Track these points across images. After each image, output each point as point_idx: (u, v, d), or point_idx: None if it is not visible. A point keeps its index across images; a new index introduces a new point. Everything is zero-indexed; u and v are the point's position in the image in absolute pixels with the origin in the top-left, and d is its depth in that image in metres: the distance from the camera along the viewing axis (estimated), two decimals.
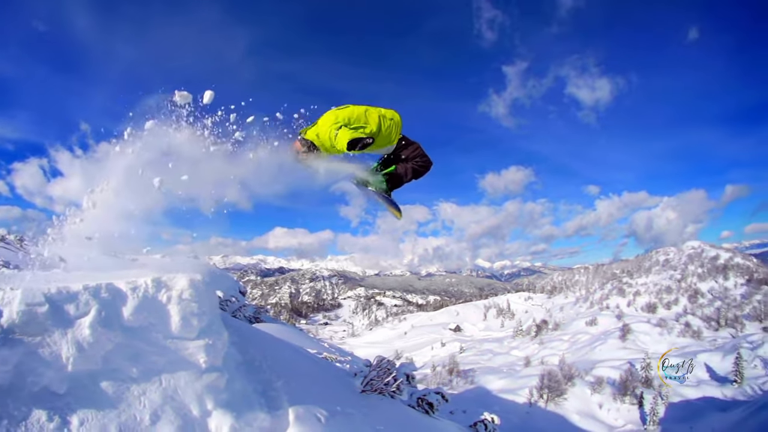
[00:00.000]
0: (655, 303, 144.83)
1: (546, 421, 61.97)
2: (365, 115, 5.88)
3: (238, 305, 23.99)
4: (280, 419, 5.60)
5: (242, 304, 24.98)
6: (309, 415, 5.88)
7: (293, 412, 5.76)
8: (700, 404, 66.61)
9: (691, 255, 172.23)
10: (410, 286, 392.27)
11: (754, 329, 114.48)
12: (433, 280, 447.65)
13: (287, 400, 5.98)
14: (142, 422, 4.35)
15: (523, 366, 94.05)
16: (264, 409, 5.59)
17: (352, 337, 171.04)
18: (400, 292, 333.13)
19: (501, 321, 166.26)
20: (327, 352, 18.18)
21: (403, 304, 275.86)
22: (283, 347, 9.41)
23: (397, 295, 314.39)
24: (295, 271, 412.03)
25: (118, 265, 6.73)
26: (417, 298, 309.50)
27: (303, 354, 10.13)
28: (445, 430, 12.79)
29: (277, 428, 5.43)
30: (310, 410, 6.02)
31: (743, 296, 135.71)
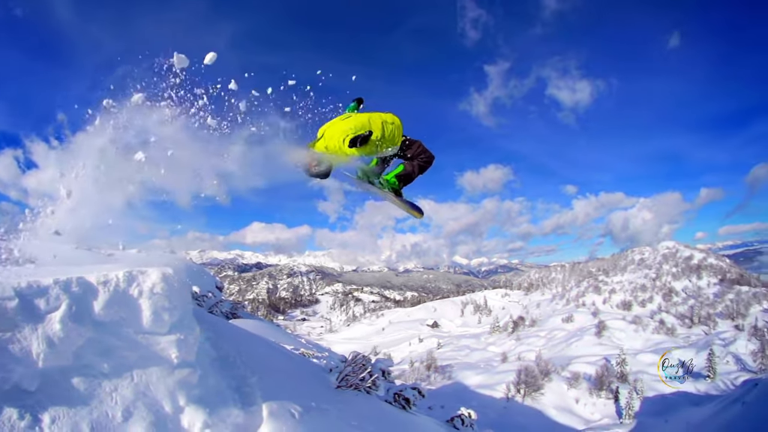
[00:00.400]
0: (631, 301, 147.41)
1: (523, 416, 62.45)
2: (369, 123, 6.00)
3: (215, 301, 23.76)
4: (254, 415, 5.53)
5: (219, 300, 24.76)
6: (283, 411, 5.83)
7: (267, 408, 5.68)
8: (674, 398, 67.52)
9: (665, 255, 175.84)
10: (388, 282, 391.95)
11: (726, 327, 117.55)
12: (410, 277, 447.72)
13: (261, 396, 5.91)
14: (114, 419, 4.28)
15: (500, 362, 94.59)
16: (238, 405, 5.53)
17: (330, 333, 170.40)
18: (378, 288, 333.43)
19: (478, 317, 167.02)
20: (304, 348, 18.10)
21: (381, 300, 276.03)
22: (259, 343, 9.34)
23: (375, 291, 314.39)
24: (273, 266, 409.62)
25: (94, 259, 6.63)
26: (394, 294, 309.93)
27: (278, 350, 10.05)
28: (421, 425, 12.81)
29: (250, 424, 5.36)
30: (284, 406, 5.96)
31: (716, 295, 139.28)
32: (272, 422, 5.47)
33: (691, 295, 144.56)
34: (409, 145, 6.62)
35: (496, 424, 55.47)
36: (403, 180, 6.91)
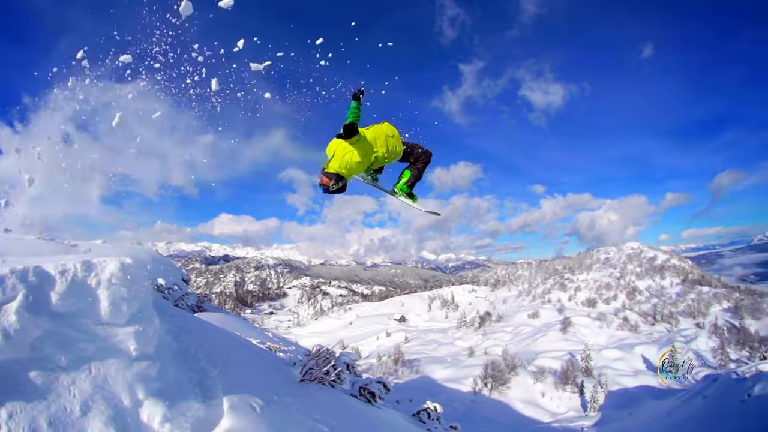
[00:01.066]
0: (595, 298, 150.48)
1: (491, 409, 62.94)
2: (375, 143, 6.29)
3: (181, 294, 23.33)
4: (214, 409, 5.45)
5: (185, 293, 24.31)
6: (244, 404, 5.76)
7: (228, 401, 5.62)
8: (637, 392, 68.99)
9: (630, 255, 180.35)
10: (356, 276, 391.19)
11: (687, 325, 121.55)
12: (378, 271, 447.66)
13: (222, 390, 5.84)
14: (73, 414, 4.15)
15: (467, 356, 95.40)
16: (198, 398, 5.44)
17: (298, 327, 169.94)
18: (346, 282, 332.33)
19: (445, 312, 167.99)
20: (270, 342, 17.85)
21: (349, 294, 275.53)
22: (223, 336, 9.22)
23: (343, 285, 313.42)
24: (240, 259, 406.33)
25: (57, 250, 6.43)
26: (362, 289, 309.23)
27: (242, 343, 9.94)
28: (386, 418, 12.74)
29: (211, 418, 5.27)
30: (245, 399, 5.89)
31: (678, 294, 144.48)
32: (233, 416, 5.39)
33: (654, 294, 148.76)
34: (410, 152, 6.97)
35: (464, 417, 55.69)
36: (413, 185, 7.24)
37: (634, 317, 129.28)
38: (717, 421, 31.58)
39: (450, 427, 19.47)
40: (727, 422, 29.36)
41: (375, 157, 6.25)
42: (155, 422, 4.68)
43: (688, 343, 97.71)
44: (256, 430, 5.38)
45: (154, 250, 39.85)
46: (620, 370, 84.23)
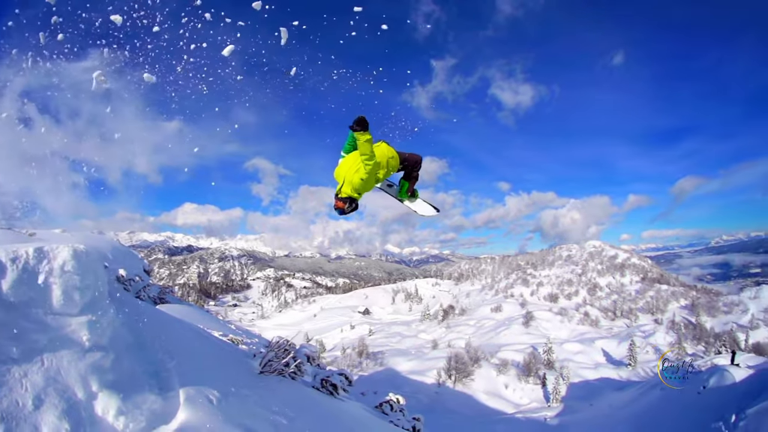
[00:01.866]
0: (557, 293, 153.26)
1: (455, 401, 63.28)
2: (379, 165, 6.44)
3: (142, 285, 22.91)
4: (171, 401, 5.34)
5: (146, 284, 23.86)
6: (200, 396, 5.68)
7: (184, 394, 5.52)
8: (598, 384, 70.21)
9: (592, 253, 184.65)
10: (320, 269, 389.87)
11: (646, 320, 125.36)
12: (342, 263, 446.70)
13: (179, 382, 5.72)
14: (25, 408, 4.06)
15: (431, 348, 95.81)
16: (154, 390, 5.32)
17: (262, 319, 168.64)
18: (310, 274, 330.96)
19: (409, 305, 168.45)
20: (233, 335, 17.55)
21: (313, 286, 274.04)
22: (181, 328, 9.07)
23: (307, 277, 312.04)
24: (204, 249, 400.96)
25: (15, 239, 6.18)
26: (326, 281, 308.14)
27: (202, 335, 9.76)
28: (347, 410, 12.71)
29: (167, 410, 5.16)
30: (202, 392, 5.81)
31: (638, 291, 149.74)
32: (188, 408, 5.30)
33: (614, 291, 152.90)
34: (406, 165, 7.24)
35: (428, 409, 55.95)
36: (411, 189, 7.74)
37: (595, 312, 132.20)
38: (675, 411, 32.32)
39: (413, 418, 19.45)
40: (684, 412, 30.02)
41: (377, 178, 6.44)
42: (110, 415, 4.56)
43: (647, 338, 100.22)
44: (212, 422, 5.30)
45: (116, 240, 38.98)
46: (581, 362, 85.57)
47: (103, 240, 31.53)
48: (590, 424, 44.93)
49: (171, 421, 5.01)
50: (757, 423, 21.09)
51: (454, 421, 53.55)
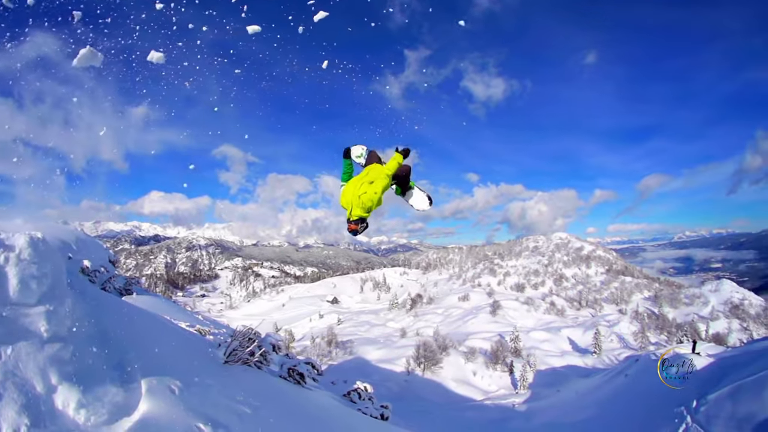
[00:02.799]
0: (524, 283, 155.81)
1: (424, 389, 63.79)
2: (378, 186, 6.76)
3: (108, 276, 22.58)
4: (132, 392, 5.27)
5: (112, 275, 23.51)
6: (162, 387, 5.61)
7: (146, 385, 5.45)
8: (564, 371, 71.31)
9: (558, 244, 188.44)
10: (288, 258, 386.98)
11: (611, 310, 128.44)
12: (310, 252, 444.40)
13: (141, 373, 5.63)
14: None
15: (400, 337, 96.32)
16: (116, 382, 5.21)
17: (231, 310, 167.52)
18: (278, 263, 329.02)
19: (377, 294, 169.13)
20: (200, 325, 17.31)
21: (281, 275, 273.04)
22: (145, 318, 8.97)
23: (275, 266, 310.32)
24: (171, 239, 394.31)
25: None
26: (295, 270, 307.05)
27: (167, 326, 9.65)
28: (314, 399, 12.72)
29: (129, 402, 5.09)
30: (164, 382, 5.74)
31: (602, 283, 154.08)
32: (150, 399, 5.24)
33: (580, 282, 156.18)
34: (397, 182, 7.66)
35: (398, 397, 56.29)
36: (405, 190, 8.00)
37: (561, 302, 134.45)
38: (638, 397, 32.98)
39: (381, 406, 19.48)
40: (648, 398, 30.64)
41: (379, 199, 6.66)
42: (70, 408, 4.45)
43: (611, 327, 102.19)
44: (174, 413, 5.27)
45: (80, 230, 38.09)
46: (548, 350, 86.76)
47: (66, 230, 30.92)
48: (557, 409, 45.60)
49: (133, 413, 4.94)
50: (717, 408, 21.74)
51: (424, 408, 53.99)
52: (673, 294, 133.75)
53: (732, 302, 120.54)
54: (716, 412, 21.61)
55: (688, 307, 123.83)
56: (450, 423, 47.92)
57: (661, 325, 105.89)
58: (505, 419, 49.08)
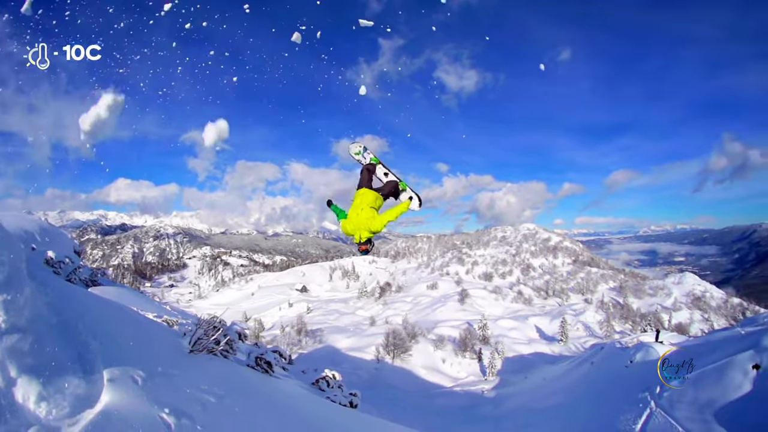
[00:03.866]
0: (492, 273, 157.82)
1: (395, 376, 64.12)
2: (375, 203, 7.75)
3: (73, 267, 22.28)
4: (95, 384, 5.17)
5: (77, 266, 23.21)
6: (125, 377, 5.56)
7: (108, 375, 5.37)
8: (532, 358, 72.49)
9: (526, 235, 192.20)
10: (257, 246, 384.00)
11: (577, 300, 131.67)
12: (279, 240, 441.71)
13: (103, 364, 5.55)
14: None
15: (369, 325, 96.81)
16: (78, 374, 5.12)
17: (200, 299, 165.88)
18: (247, 252, 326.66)
19: (346, 282, 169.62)
20: (168, 316, 17.11)
21: (250, 264, 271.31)
22: (110, 309, 8.78)
23: (244, 255, 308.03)
24: (139, 228, 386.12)
25: None
26: (263, 258, 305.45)
27: (131, 316, 9.51)
28: (281, 388, 12.78)
29: (91, 393, 5.00)
30: (127, 372, 5.69)
31: (569, 273, 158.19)
32: (112, 390, 5.17)
33: (547, 272, 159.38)
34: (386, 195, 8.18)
35: (369, 385, 56.57)
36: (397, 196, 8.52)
37: (528, 291, 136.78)
38: (603, 384, 33.68)
39: (350, 394, 19.56)
40: (613, 384, 31.31)
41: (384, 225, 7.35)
42: (30, 402, 4.39)
43: (577, 316, 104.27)
44: (136, 403, 5.24)
45: (44, 220, 37.28)
46: (515, 338, 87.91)
47: (30, 220, 30.32)
48: (526, 395, 46.22)
49: (95, 405, 4.86)
50: (679, 394, 22.40)
51: (395, 396, 54.34)
52: (637, 285, 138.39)
53: (694, 294, 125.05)
54: (679, 397, 22.26)
55: (651, 297, 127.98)
56: (421, 410, 48.31)
57: (626, 315, 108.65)
58: (475, 405, 49.68)
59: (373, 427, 15.13)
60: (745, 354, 21.02)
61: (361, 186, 7.83)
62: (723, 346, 24.67)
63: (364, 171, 8.04)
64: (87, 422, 4.46)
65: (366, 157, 8.59)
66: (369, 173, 8.05)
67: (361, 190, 7.70)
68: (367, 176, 8.01)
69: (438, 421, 41.37)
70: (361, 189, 7.73)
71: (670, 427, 20.96)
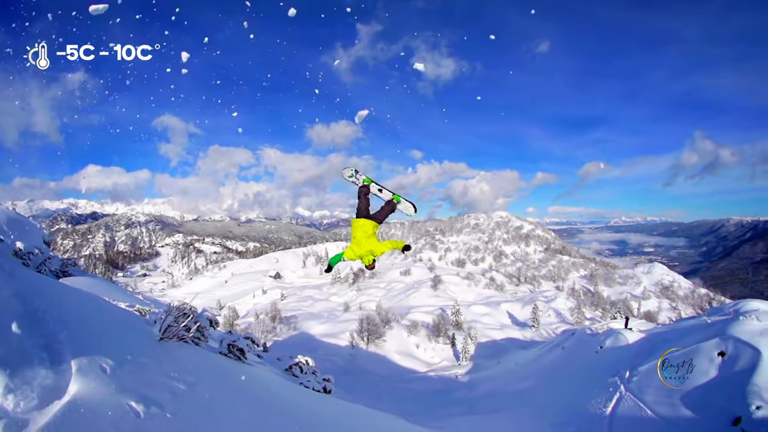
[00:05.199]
0: (464, 259, 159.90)
1: (369, 362, 64.44)
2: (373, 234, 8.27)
3: (43, 258, 22.13)
4: (63, 374, 5.13)
5: (47, 257, 23.03)
6: (93, 367, 5.50)
7: (77, 365, 5.33)
8: (504, 343, 73.71)
9: (498, 222, 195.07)
10: (230, 233, 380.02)
11: (548, 287, 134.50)
12: (252, 227, 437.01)
13: (72, 353, 5.51)
14: None
15: (343, 311, 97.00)
16: (46, 364, 5.07)
17: (173, 288, 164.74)
18: (220, 239, 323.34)
19: (320, 268, 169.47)
20: (140, 306, 17.07)
21: (223, 251, 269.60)
22: (79, 299, 8.68)
23: (217, 242, 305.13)
24: (110, 216, 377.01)
25: None
26: (236, 245, 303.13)
27: (101, 305, 9.45)
28: (254, 374, 12.90)
29: (60, 384, 4.96)
30: (95, 361, 5.63)
31: (541, 261, 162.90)
32: (80, 379, 5.15)
33: (519, 259, 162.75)
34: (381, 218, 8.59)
35: (344, 370, 57.02)
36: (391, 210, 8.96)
37: (500, 278, 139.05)
38: (575, 367, 34.66)
39: (323, 379, 20.00)
40: (584, 368, 32.26)
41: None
42: None
43: (549, 303, 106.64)
44: (105, 392, 5.23)
45: (12, 210, 36.60)
46: (488, 324, 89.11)
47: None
48: (499, 379, 47.03)
49: (63, 396, 4.82)
50: (648, 378, 23.42)
51: (370, 381, 54.86)
52: (607, 274, 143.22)
53: (662, 284, 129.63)
54: (648, 382, 23.24)
55: (621, 286, 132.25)
56: (396, 395, 48.92)
57: (596, 302, 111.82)
58: (450, 390, 50.47)
59: (348, 412, 15.42)
60: (711, 342, 22.10)
61: (359, 215, 8.21)
62: (690, 334, 25.78)
63: (361, 195, 8.46)
64: (55, 413, 4.45)
65: (359, 179, 8.86)
66: (366, 197, 8.48)
67: (360, 220, 8.09)
68: (365, 201, 8.40)
69: (413, 406, 41.91)
70: (360, 219, 8.11)
71: (640, 410, 21.91)
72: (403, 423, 18.73)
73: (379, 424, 15.66)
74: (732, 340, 21.13)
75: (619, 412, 22.92)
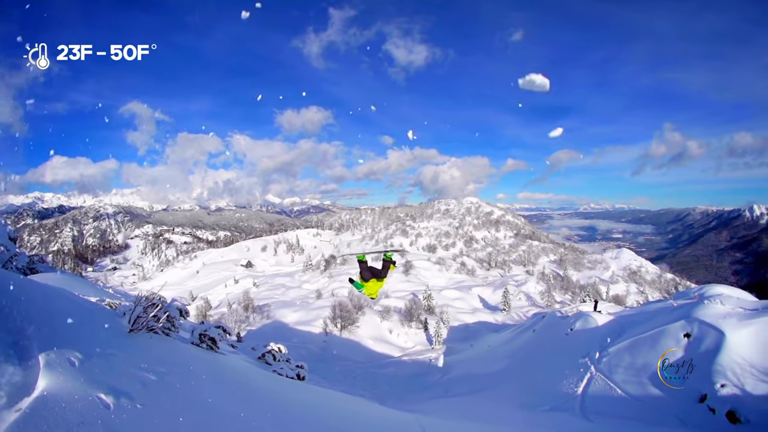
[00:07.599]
0: (435, 244, 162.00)
1: (344, 348, 64.63)
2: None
3: (9, 255, 21.97)
4: (31, 370, 5.06)
5: (13, 254, 22.85)
6: (62, 360, 5.46)
7: (44, 359, 5.28)
8: (476, 327, 74.69)
9: (469, 208, 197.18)
10: (200, 222, 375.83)
11: (519, 271, 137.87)
12: (222, 215, 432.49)
13: (39, 349, 5.43)
14: None
15: (315, 298, 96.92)
16: (13, 361, 4.97)
17: (144, 281, 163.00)
18: (190, 228, 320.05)
19: (291, 256, 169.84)
20: (110, 299, 16.90)
21: (193, 240, 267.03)
22: (46, 294, 8.50)
23: (187, 232, 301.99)
24: (77, 209, 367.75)
25: None
26: (207, 234, 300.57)
27: (69, 299, 9.15)
28: (226, 363, 13.00)
29: (28, 380, 4.90)
30: (63, 355, 5.59)
31: (511, 246, 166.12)
32: (49, 373, 5.11)
33: (489, 244, 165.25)
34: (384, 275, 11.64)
35: (319, 358, 57.31)
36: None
37: (471, 263, 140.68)
38: (547, 349, 35.49)
39: (297, 366, 20.17)
40: (555, 350, 33.06)
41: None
42: None
43: (519, 287, 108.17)
44: (74, 386, 5.20)
45: None
46: (460, 308, 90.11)
47: None
48: (472, 362, 47.72)
49: (32, 392, 4.78)
50: (617, 359, 24.23)
51: (345, 367, 55.17)
52: (577, 258, 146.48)
53: (630, 269, 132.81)
54: (617, 362, 24.04)
55: (590, 270, 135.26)
56: (371, 380, 49.23)
57: (566, 286, 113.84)
58: (425, 373, 51.09)
59: (322, 397, 15.54)
60: (677, 324, 22.97)
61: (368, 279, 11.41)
62: (657, 316, 26.69)
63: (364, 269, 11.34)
64: (24, 410, 4.43)
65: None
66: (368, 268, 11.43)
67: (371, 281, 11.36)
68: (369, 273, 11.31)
69: (388, 390, 42.33)
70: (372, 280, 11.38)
71: (610, 390, 22.68)
72: (377, 407, 18.94)
73: (353, 408, 15.75)
74: (697, 323, 21.98)
75: (590, 391, 23.65)
